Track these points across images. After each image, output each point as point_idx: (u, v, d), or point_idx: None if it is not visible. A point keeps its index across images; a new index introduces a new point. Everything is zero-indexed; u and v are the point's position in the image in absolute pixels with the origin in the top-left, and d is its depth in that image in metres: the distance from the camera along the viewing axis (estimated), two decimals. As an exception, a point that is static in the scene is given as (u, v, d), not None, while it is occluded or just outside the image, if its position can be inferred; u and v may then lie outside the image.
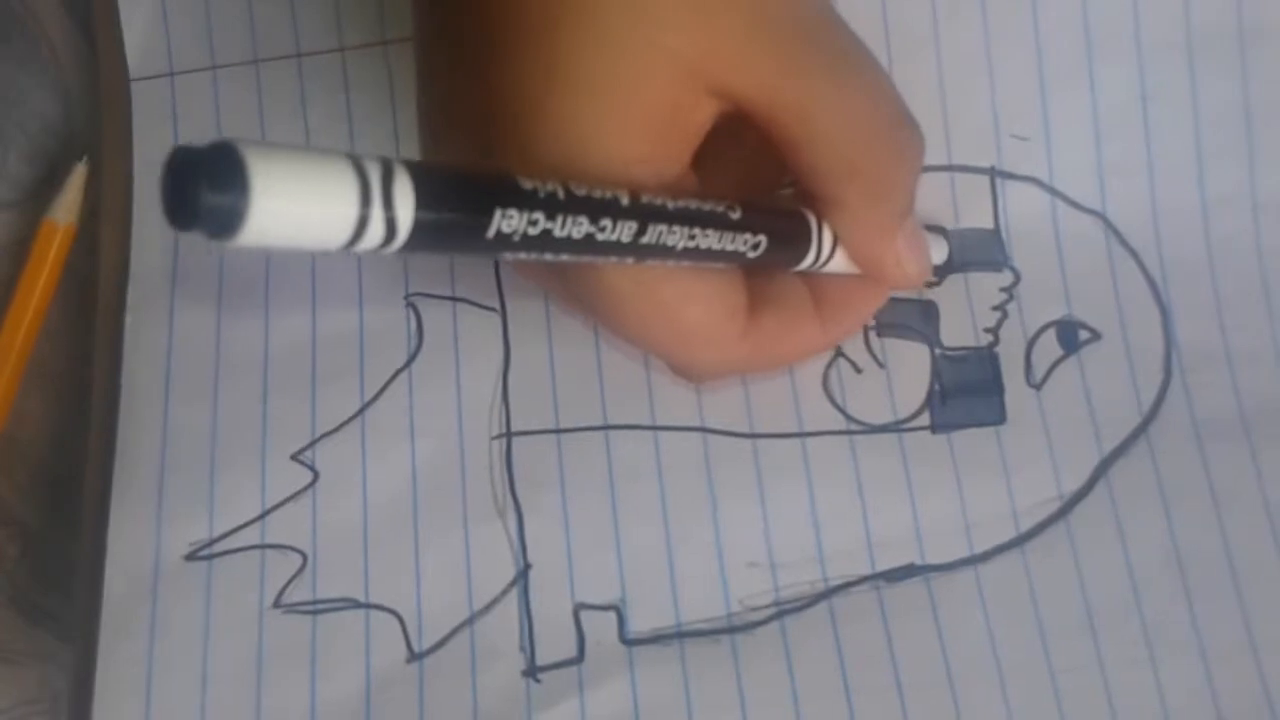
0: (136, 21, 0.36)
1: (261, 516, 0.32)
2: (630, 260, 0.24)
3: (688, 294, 0.27)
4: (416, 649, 0.31)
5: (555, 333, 0.33)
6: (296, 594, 0.31)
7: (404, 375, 0.33)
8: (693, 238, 0.24)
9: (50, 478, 0.33)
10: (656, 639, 0.30)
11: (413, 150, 0.33)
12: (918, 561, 0.31)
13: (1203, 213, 0.33)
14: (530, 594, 0.31)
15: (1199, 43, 0.33)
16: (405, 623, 0.31)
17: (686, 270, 0.26)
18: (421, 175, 0.19)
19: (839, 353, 0.33)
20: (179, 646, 0.31)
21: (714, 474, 0.32)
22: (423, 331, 0.33)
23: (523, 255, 0.22)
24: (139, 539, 0.32)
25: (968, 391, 0.32)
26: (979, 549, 0.31)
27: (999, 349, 0.32)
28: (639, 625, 0.31)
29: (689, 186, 0.27)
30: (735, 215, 0.26)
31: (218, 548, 0.32)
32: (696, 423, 0.32)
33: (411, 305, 0.34)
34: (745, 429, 0.32)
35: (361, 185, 0.18)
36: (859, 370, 0.33)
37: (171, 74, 0.35)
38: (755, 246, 0.26)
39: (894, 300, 0.33)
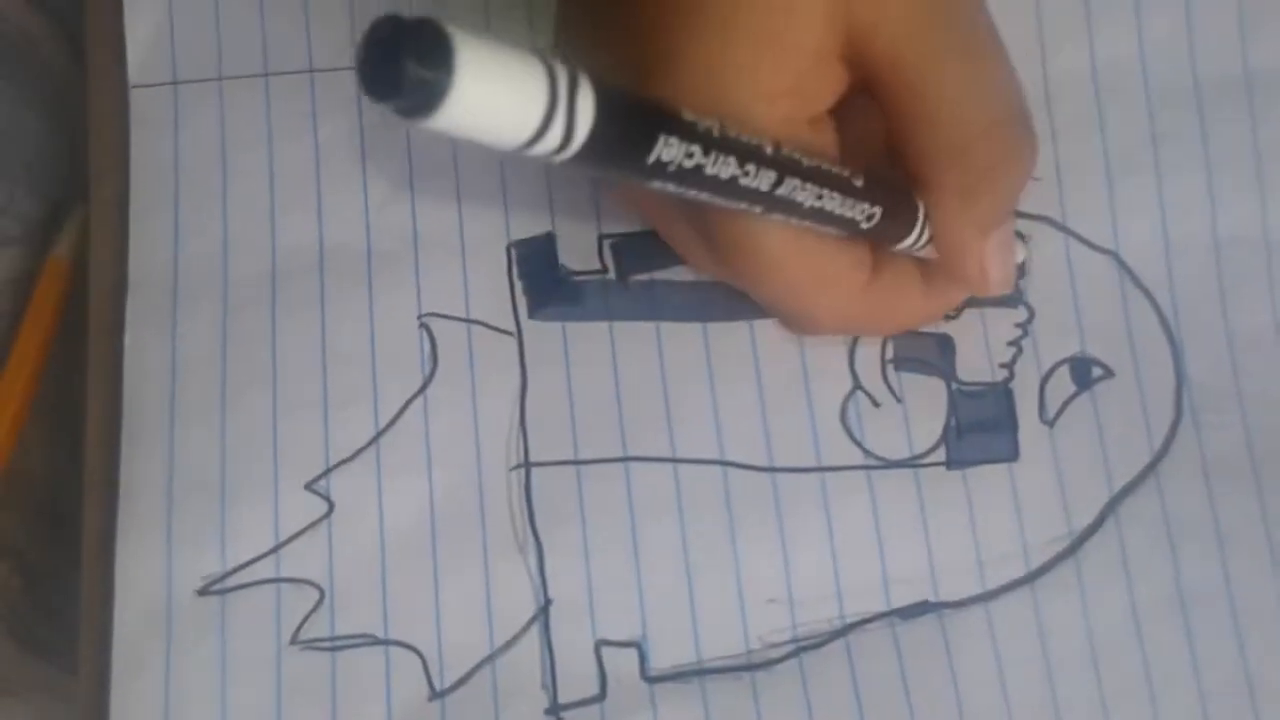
0: (140, 30, 0.34)
1: (276, 549, 0.31)
2: (758, 210, 0.24)
3: (823, 236, 0.27)
4: (438, 687, 0.30)
5: (572, 357, 0.33)
6: (314, 630, 0.31)
7: (419, 400, 0.32)
8: (820, 198, 0.25)
9: (52, 509, 0.32)
10: (677, 676, 0.31)
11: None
12: (931, 598, 0.31)
13: (1215, 252, 0.33)
14: (551, 630, 0.31)
15: (1206, 86, 0.33)
16: (426, 660, 0.30)
17: None
18: (601, 88, 0.19)
19: (856, 385, 0.33)
20: (195, 684, 0.30)
21: (734, 509, 0.32)
22: (437, 354, 0.33)
23: (670, 187, 0.22)
24: (149, 571, 0.31)
25: (983, 427, 0.32)
26: (990, 586, 0.31)
27: (1013, 385, 0.33)
28: (660, 662, 0.31)
29: (825, 138, 0.27)
30: (859, 183, 0.26)
31: (231, 582, 0.31)
32: (716, 455, 0.32)
33: (425, 327, 0.33)
34: (764, 462, 0.32)
35: (550, 86, 0.18)
36: (877, 404, 0.33)
37: (175, 83, 0.34)
38: (870, 218, 0.26)
39: (910, 333, 0.33)
